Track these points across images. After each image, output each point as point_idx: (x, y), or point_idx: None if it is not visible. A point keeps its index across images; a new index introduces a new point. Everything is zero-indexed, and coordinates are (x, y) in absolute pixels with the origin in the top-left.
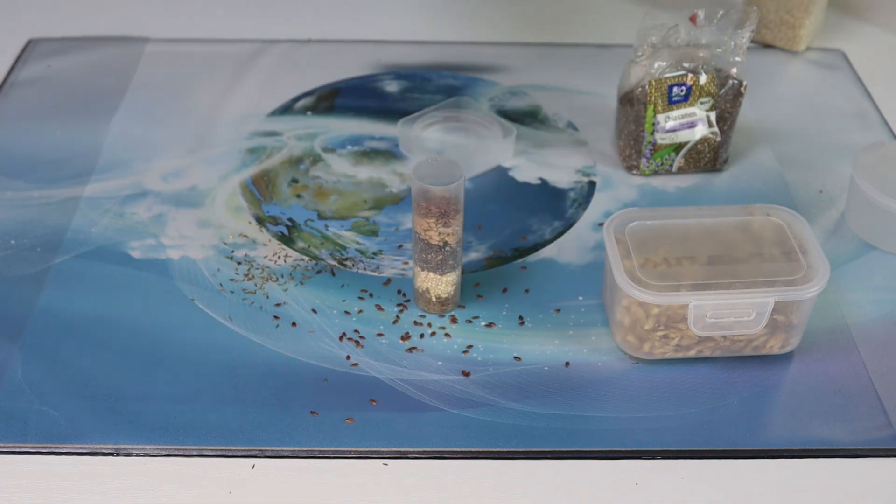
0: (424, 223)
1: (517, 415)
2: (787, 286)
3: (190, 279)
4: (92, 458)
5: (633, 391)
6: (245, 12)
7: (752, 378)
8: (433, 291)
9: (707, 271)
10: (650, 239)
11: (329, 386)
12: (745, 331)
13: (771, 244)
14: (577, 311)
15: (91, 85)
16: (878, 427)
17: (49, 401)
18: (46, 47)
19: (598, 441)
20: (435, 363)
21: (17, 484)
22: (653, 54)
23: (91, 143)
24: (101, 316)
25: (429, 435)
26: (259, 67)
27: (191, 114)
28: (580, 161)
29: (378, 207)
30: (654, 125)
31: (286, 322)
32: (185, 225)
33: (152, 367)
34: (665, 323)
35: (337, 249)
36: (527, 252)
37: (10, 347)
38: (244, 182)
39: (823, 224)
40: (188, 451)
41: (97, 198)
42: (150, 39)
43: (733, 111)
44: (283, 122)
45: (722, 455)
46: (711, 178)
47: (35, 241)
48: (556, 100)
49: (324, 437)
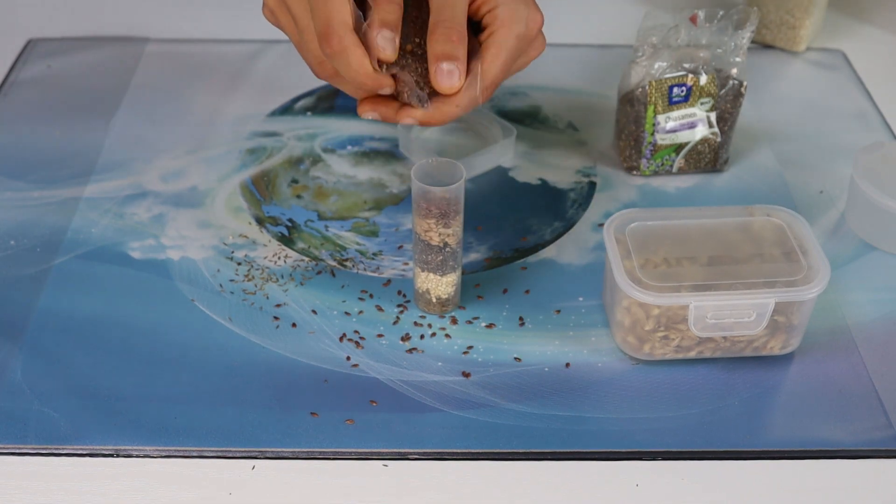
0: (424, 224)
1: (517, 415)
2: (787, 287)
3: (190, 280)
4: (92, 459)
5: (634, 392)
6: (245, 12)
7: (753, 379)
8: (433, 292)
9: (707, 272)
10: (650, 239)
11: (329, 387)
12: (745, 332)
13: (771, 245)
14: (578, 311)
15: (91, 85)
16: (879, 427)
17: (49, 402)
18: (46, 47)
19: (598, 442)
20: (435, 364)
21: (16, 485)
22: (653, 55)
23: (91, 143)
24: (101, 316)
25: (429, 436)
26: (259, 67)
27: (191, 114)
28: (580, 161)
29: (378, 208)
30: (655, 126)
31: (286, 323)
32: (185, 225)
33: (152, 368)
34: (665, 324)
35: (337, 250)
36: (527, 253)
37: (9, 348)
38: (244, 182)
39: (824, 224)
40: (188, 453)
41: (97, 198)
42: (150, 39)
43: (733, 112)
44: (283, 122)
45: (722, 456)
46: (712, 179)
47: (35, 241)
48: (556, 100)
49: (324, 438)
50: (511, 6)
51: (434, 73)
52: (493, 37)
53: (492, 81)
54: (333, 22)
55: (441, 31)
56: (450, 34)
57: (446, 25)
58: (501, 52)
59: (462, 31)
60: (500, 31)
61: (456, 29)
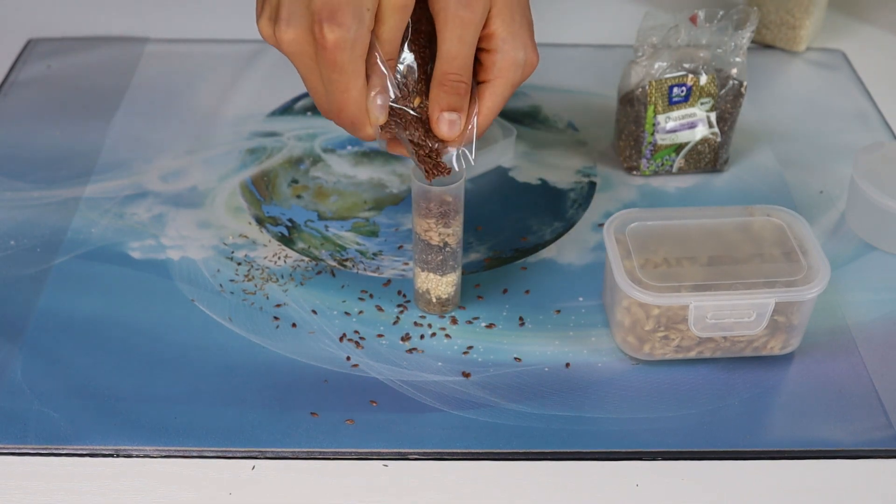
0: (425, 224)
1: (517, 416)
2: (787, 287)
3: (190, 280)
4: (92, 459)
5: (634, 392)
6: (245, 12)
7: (753, 379)
8: (433, 292)
9: (707, 272)
10: (650, 239)
11: (329, 387)
12: (745, 332)
13: (771, 245)
14: (578, 311)
15: (91, 85)
16: (879, 428)
17: (49, 402)
18: (46, 47)
19: (598, 442)
20: (435, 364)
21: (16, 485)
22: (653, 55)
23: (91, 143)
24: (101, 316)
25: (429, 436)
26: (259, 67)
27: (191, 114)
28: (580, 161)
29: (378, 208)
30: (655, 126)
31: (286, 323)
32: (185, 225)
33: (152, 368)
34: (665, 324)
35: (337, 250)
36: (527, 253)
37: (9, 348)
38: (244, 182)
39: (824, 224)
40: (188, 453)
41: (97, 198)
42: (150, 39)
43: (734, 112)
44: (283, 122)
45: (722, 456)
46: (712, 179)
47: (35, 241)
48: (556, 100)
49: (324, 439)
50: (511, 54)
51: (437, 122)
52: (491, 86)
53: (483, 127)
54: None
55: (449, 84)
56: (457, 88)
57: (454, 78)
58: (497, 100)
59: (469, 81)
60: (497, 81)
61: (464, 82)
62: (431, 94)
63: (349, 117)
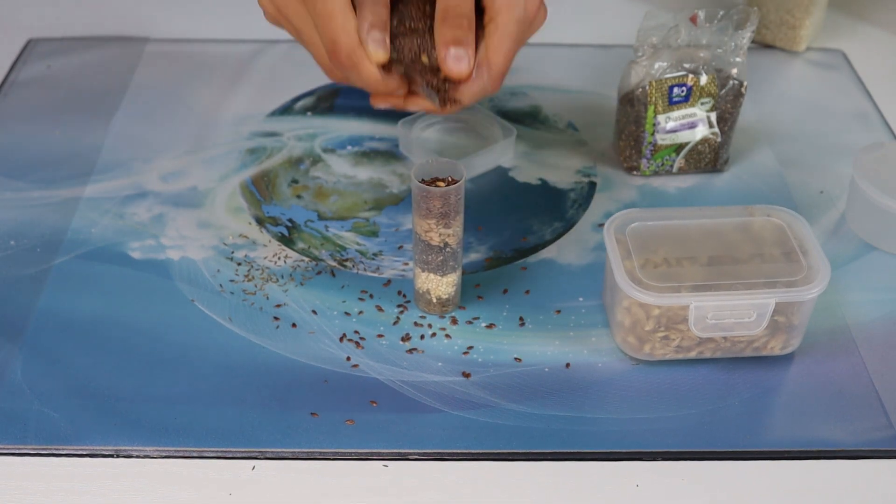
0: (425, 224)
1: (518, 416)
2: (787, 287)
3: (190, 280)
4: (92, 459)
5: (634, 392)
6: (245, 12)
7: (753, 379)
8: (433, 292)
9: (708, 272)
10: (651, 240)
11: (329, 387)
12: (745, 332)
13: (771, 245)
14: (578, 311)
15: (91, 85)
16: (879, 428)
17: (49, 402)
18: (46, 47)
19: (598, 442)
20: (435, 364)
21: (16, 486)
22: (653, 55)
23: (91, 143)
24: (101, 316)
25: (429, 436)
26: (259, 67)
27: (191, 114)
28: (580, 161)
29: (378, 208)
30: (655, 126)
31: (286, 323)
32: (185, 225)
33: (152, 368)
34: (665, 324)
35: (337, 250)
36: (527, 253)
37: (9, 348)
38: (244, 182)
39: (824, 224)
40: (188, 453)
41: (97, 198)
42: (150, 39)
43: (734, 112)
44: (283, 122)
45: (722, 456)
46: (712, 179)
47: (35, 241)
48: (556, 100)
49: (324, 439)
50: None
51: (444, 59)
52: (494, 23)
53: (498, 70)
54: (340, 40)
55: (450, 17)
56: (459, 21)
57: (455, 12)
58: (504, 40)
59: (471, 17)
60: (499, 18)
61: (465, 15)
62: (436, 31)
63: (345, 51)
